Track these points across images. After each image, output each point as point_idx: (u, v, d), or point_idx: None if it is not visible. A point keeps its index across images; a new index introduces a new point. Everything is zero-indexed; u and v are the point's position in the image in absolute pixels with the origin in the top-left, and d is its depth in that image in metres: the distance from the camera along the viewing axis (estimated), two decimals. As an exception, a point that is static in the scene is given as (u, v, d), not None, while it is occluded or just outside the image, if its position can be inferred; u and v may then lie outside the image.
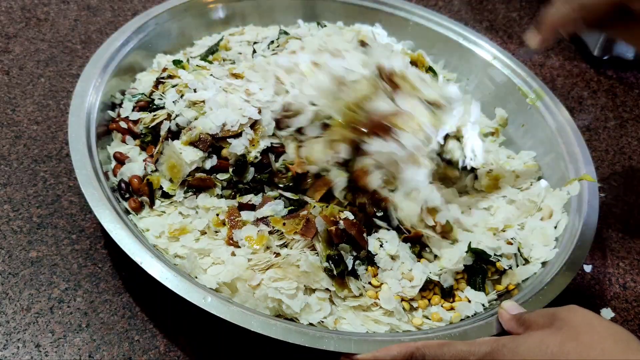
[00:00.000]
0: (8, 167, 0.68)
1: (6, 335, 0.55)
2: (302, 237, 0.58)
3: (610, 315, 0.64)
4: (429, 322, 0.56)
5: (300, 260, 0.56)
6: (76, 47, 0.84)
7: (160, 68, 0.72)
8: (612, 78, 0.98)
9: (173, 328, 0.57)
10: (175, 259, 0.57)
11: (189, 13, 0.79)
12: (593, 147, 0.85)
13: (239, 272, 0.55)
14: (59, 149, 0.71)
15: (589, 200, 0.65)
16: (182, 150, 0.61)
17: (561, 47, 1.03)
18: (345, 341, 0.50)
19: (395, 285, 0.57)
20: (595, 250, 0.71)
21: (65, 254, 0.61)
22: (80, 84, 0.66)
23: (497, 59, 0.82)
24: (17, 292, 0.58)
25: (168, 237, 0.59)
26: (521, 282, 0.60)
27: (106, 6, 0.92)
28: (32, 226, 0.63)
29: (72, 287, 0.59)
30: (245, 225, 0.59)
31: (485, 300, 0.58)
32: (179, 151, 0.61)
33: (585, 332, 0.44)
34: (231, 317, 0.50)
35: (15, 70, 0.80)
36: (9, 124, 0.73)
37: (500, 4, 1.11)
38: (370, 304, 0.56)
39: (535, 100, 0.77)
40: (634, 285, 0.69)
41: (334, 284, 0.56)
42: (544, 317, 0.47)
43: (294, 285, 0.54)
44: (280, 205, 0.60)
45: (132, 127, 0.66)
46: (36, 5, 0.90)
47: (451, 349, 0.47)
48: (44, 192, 0.66)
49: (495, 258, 0.60)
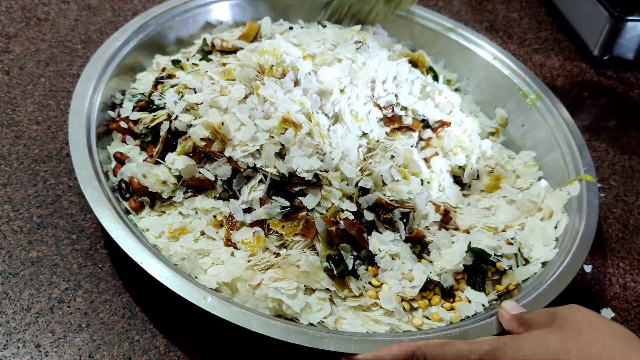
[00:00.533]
0: (8, 167, 0.68)
1: (6, 335, 0.55)
2: (303, 237, 0.58)
3: (610, 315, 0.64)
4: (429, 322, 0.56)
5: (300, 260, 0.56)
6: (76, 47, 0.84)
7: (159, 68, 0.72)
8: (612, 78, 0.98)
9: (173, 328, 0.57)
10: (173, 258, 0.57)
11: (189, 13, 0.79)
12: (593, 147, 0.85)
13: (239, 272, 0.55)
14: (59, 149, 0.71)
15: (589, 200, 0.65)
16: (175, 159, 0.61)
17: (561, 47, 1.03)
18: (345, 341, 0.50)
19: (396, 286, 0.57)
20: (595, 250, 0.71)
21: (66, 254, 0.61)
22: (80, 84, 0.66)
23: (497, 59, 0.82)
24: (17, 292, 0.58)
25: (168, 237, 0.59)
26: (521, 282, 0.60)
27: (106, 6, 0.92)
28: (32, 226, 0.63)
29: (72, 287, 0.59)
30: (242, 227, 0.59)
31: (485, 301, 0.58)
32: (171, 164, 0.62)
33: (586, 330, 0.44)
34: (231, 317, 0.50)
35: (15, 70, 0.80)
36: (9, 124, 0.73)
37: (500, 4, 1.11)
38: (370, 304, 0.56)
39: (536, 101, 0.77)
40: (634, 285, 0.69)
41: (334, 284, 0.56)
42: (545, 316, 0.47)
43: (294, 285, 0.54)
44: (276, 209, 0.60)
45: (132, 127, 0.66)
46: (36, 5, 0.90)
47: (452, 348, 0.47)
48: (44, 192, 0.66)
49: (495, 258, 0.60)
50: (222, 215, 0.60)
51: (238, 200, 0.60)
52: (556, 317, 0.46)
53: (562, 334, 0.44)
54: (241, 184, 0.61)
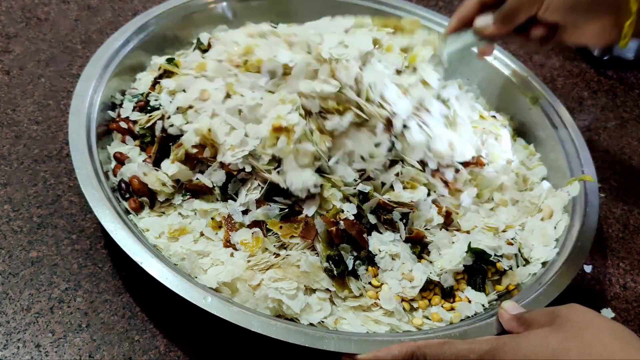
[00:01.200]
0: (8, 167, 0.68)
1: (6, 335, 0.55)
2: (303, 239, 0.58)
3: (610, 315, 0.64)
4: (429, 323, 0.56)
5: (300, 260, 0.56)
6: (76, 47, 0.84)
7: (157, 68, 0.72)
8: (612, 78, 0.98)
9: (173, 328, 0.57)
10: (173, 258, 0.57)
11: (190, 13, 0.79)
12: (593, 147, 0.85)
13: (238, 272, 0.55)
14: (59, 149, 0.71)
15: (589, 200, 0.65)
16: (169, 168, 0.61)
17: (561, 47, 1.03)
18: (345, 341, 0.50)
19: (396, 286, 0.57)
20: (595, 250, 0.71)
21: (66, 254, 0.61)
22: (80, 84, 0.66)
23: (497, 59, 0.82)
24: (17, 292, 0.58)
25: (168, 237, 0.59)
26: (521, 282, 0.60)
27: (106, 6, 0.92)
28: (33, 226, 0.63)
29: (72, 287, 0.59)
30: (241, 228, 0.59)
31: (485, 301, 0.58)
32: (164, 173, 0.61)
33: (586, 330, 0.44)
34: (231, 317, 0.50)
35: (15, 70, 0.80)
36: (9, 124, 0.73)
37: (500, 4, 1.11)
38: (370, 304, 0.56)
39: (535, 101, 0.77)
40: (634, 285, 0.69)
41: (334, 284, 0.56)
42: (545, 315, 0.47)
43: (294, 286, 0.54)
44: (275, 210, 0.60)
45: (132, 127, 0.66)
46: (36, 5, 0.90)
47: (452, 348, 0.47)
48: (44, 192, 0.66)
49: (495, 258, 0.60)
50: (220, 216, 0.60)
51: (236, 202, 0.60)
52: (556, 316, 0.46)
53: (563, 333, 0.44)
54: (236, 187, 0.61)
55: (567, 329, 0.44)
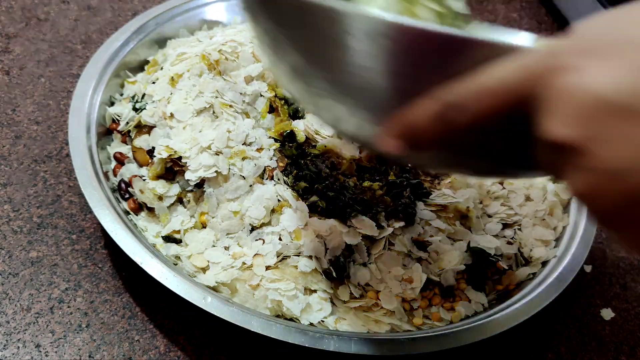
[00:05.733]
0: (8, 167, 0.68)
1: (6, 335, 0.55)
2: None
3: (610, 315, 0.64)
4: (429, 322, 0.56)
5: (298, 261, 0.56)
6: (76, 47, 0.84)
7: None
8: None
9: (173, 328, 0.57)
10: (172, 258, 0.57)
11: (189, 13, 0.79)
12: (593, 147, 0.85)
13: (237, 272, 0.55)
14: (59, 149, 0.71)
15: (589, 200, 0.65)
16: (154, 185, 0.60)
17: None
18: (345, 341, 0.50)
19: (396, 286, 0.57)
20: (595, 250, 0.71)
21: (66, 254, 0.61)
22: (80, 84, 0.66)
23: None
24: (17, 292, 0.58)
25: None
26: (521, 282, 0.60)
27: (106, 6, 0.92)
28: (32, 226, 0.63)
29: (72, 287, 0.59)
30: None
31: (485, 300, 0.58)
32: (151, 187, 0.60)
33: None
34: (231, 317, 0.50)
35: (15, 70, 0.80)
36: (9, 124, 0.73)
37: (500, 4, 1.11)
38: (371, 304, 0.56)
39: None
40: (634, 285, 0.69)
41: (333, 287, 0.56)
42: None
43: (291, 286, 0.54)
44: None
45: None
46: (36, 5, 0.90)
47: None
48: (44, 192, 0.66)
49: (495, 258, 0.60)
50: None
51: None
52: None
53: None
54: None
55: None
